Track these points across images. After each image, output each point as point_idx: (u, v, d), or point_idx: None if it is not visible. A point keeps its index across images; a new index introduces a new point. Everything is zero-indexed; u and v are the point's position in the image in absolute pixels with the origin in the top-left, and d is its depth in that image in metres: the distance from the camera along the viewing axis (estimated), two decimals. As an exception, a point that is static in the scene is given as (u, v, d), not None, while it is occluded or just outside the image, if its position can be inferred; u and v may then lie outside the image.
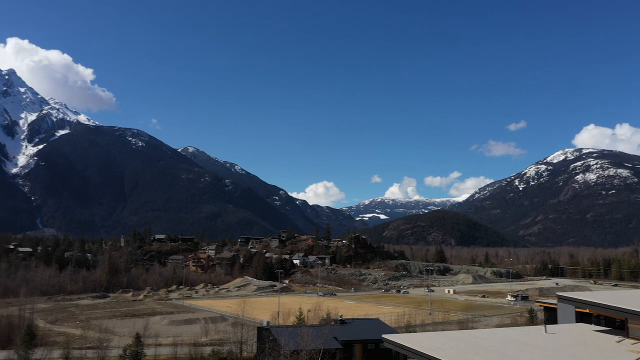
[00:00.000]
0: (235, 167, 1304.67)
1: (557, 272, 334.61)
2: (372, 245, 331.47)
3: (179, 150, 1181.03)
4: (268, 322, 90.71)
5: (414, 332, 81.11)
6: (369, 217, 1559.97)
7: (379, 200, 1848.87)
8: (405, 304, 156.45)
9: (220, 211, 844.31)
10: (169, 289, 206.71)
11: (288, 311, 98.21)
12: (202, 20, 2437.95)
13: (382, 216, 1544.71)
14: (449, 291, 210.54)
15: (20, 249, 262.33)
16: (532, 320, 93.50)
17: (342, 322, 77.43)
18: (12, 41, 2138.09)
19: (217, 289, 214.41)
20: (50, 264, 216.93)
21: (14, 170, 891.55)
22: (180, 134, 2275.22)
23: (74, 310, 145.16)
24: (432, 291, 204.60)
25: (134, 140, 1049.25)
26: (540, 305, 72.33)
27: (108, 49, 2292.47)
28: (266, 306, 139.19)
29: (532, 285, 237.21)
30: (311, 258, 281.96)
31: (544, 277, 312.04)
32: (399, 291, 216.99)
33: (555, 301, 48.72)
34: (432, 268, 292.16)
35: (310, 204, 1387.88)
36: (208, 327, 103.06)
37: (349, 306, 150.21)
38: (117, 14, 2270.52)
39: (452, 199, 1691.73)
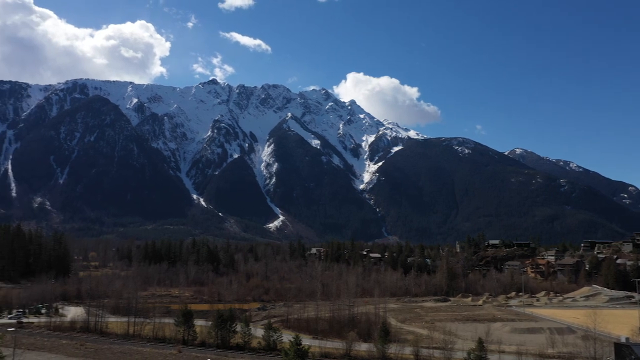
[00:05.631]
0: (570, 164, 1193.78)
1: None
2: None
3: (506, 154, 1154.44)
4: (627, 338, 79.42)
5: None
6: None
7: None
8: None
9: (557, 214, 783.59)
10: (508, 295, 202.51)
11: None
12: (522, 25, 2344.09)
13: None
14: None
15: (371, 255, 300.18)
16: None
17: None
18: (350, 76, 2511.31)
19: (560, 297, 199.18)
20: (396, 268, 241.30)
21: (361, 187, 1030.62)
22: (506, 137, 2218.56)
23: (419, 311, 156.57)
24: None
25: (460, 148, 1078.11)
26: None
27: (430, 68, 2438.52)
28: (623, 320, 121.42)
29: None
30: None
31: None
32: None
33: None
34: None
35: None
36: (554, 338, 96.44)
37: None
38: (432, 33, 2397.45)
39: None
